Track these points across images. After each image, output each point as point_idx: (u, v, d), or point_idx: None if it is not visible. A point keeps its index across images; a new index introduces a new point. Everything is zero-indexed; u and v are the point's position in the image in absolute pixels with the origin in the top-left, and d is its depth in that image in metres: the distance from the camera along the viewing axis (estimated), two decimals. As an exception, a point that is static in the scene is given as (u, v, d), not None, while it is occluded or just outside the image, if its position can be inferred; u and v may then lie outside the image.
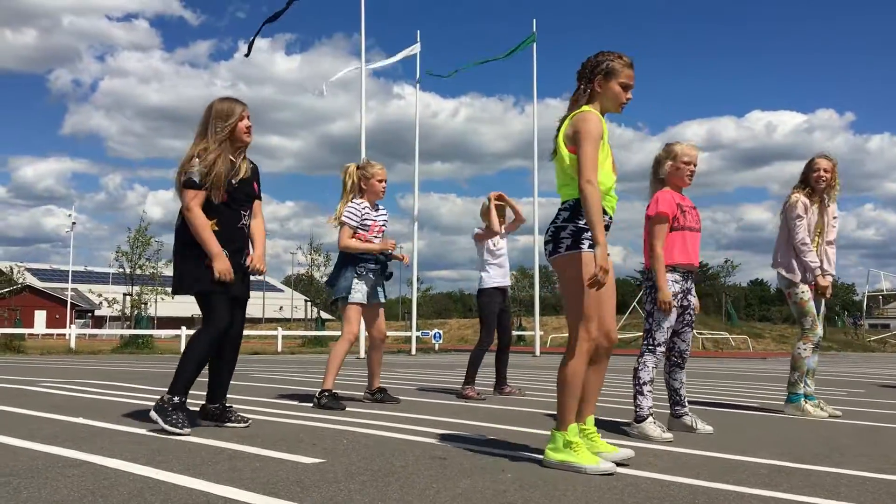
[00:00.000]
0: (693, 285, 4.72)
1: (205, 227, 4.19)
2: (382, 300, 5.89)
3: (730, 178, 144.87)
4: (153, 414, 4.06)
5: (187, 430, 3.99)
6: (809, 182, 5.69)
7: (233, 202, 4.33)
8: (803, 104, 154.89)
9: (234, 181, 4.31)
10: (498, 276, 6.79)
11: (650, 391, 4.45)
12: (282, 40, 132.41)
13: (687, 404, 4.74)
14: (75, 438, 3.85)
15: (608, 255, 3.22)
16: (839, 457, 3.83)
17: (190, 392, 4.18)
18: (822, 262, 5.66)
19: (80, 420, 4.55)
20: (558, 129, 3.47)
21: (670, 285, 4.50)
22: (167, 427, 3.97)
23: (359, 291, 5.65)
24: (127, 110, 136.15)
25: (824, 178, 5.63)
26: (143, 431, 4.10)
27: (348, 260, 5.72)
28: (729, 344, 33.44)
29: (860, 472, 3.40)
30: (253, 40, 15.14)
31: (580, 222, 3.33)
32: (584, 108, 3.42)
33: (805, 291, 5.61)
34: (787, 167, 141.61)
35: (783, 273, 5.69)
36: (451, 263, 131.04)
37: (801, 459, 3.71)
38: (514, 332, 34.29)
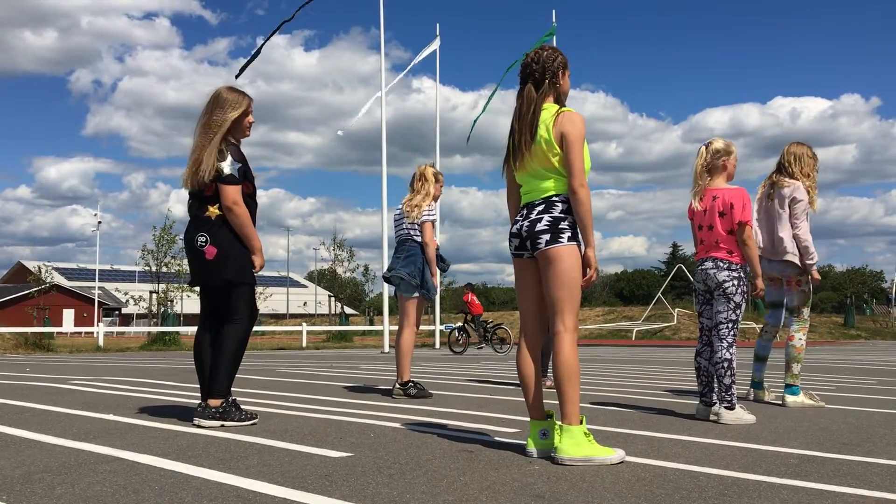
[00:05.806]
0: None
1: (250, 224, 4.27)
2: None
3: (754, 165, 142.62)
4: (217, 422, 4.15)
5: (257, 418, 4.33)
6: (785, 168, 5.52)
7: (254, 194, 4.40)
8: (828, 90, 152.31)
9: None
10: None
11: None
12: (300, 36, 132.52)
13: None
14: (107, 435, 3.90)
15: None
16: (871, 446, 3.79)
17: (184, 392, 4.25)
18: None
19: (111, 417, 4.61)
20: (535, 121, 3.42)
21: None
22: (243, 423, 4.18)
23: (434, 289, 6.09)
24: (147, 109, 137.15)
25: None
26: (173, 427, 4.15)
27: (422, 259, 5.97)
28: (755, 333, 33.14)
29: (892, 462, 3.37)
30: (246, 65, 15.75)
31: (572, 218, 3.40)
32: (567, 108, 3.46)
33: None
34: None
35: (795, 261, 5.44)
36: (473, 256, 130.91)
37: (832, 449, 3.69)
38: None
